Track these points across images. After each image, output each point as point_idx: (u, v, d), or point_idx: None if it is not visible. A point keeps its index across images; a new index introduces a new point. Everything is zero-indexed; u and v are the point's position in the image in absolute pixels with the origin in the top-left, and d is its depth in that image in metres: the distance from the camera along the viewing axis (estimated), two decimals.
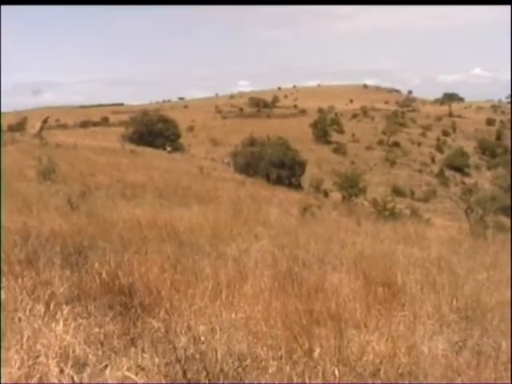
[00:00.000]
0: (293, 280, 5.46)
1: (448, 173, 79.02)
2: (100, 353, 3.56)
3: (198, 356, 3.51)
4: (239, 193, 20.76)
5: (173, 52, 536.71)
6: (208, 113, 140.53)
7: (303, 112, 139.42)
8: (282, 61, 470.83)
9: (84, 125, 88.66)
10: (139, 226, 8.17)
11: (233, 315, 4.28)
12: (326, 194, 35.34)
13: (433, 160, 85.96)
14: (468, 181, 75.88)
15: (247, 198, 18.68)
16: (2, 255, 5.17)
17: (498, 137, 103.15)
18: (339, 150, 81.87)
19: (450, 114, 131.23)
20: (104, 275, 4.72)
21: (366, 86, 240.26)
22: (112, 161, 26.58)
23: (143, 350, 3.62)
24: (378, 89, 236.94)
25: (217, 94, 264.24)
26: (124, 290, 4.47)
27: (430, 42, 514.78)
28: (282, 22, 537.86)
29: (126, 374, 3.28)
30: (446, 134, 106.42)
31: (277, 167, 37.26)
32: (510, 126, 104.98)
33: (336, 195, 34.48)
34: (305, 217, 15.28)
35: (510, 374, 3.80)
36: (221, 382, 3.31)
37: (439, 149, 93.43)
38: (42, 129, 41.23)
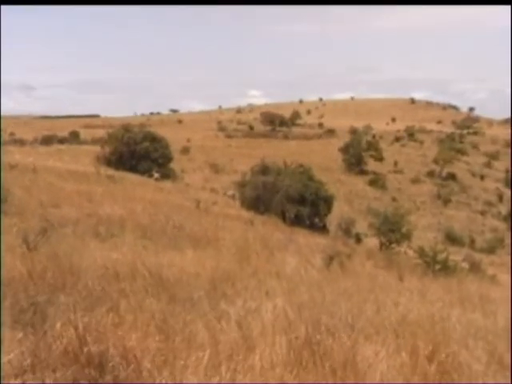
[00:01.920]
0: (314, 351, 5.41)
1: None
2: None
3: None
4: (246, 235, 20.73)
5: (164, 52, 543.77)
6: (208, 130, 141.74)
7: (331, 132, 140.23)
8: (305, 66, 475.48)
9: (47, 141, 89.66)
10: (116, 274, 8.17)
11: None
12: (358, 240, 35.22)
13: (500, 198, 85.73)
14: None
15: (256, 242, 18.65)
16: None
17: None
18: (377, 182, 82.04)
19: None
20: (68, 340, 4.70)
21: (413, 101, 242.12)
22: (82, 189, 26.73)
23: None
24: (428, 104, 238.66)
25: (220, 107, 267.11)
26: (94, 359, 4.45)
27: (500, 43, 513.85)
28: (304, 15, 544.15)
29: None
30: None
31: (296, 203, 37.30)
32: None
33: (372, 241, 34.34)
34: (331, 268, 15.22)
35: None
36: None
37: (509, 184, 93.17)
38: None
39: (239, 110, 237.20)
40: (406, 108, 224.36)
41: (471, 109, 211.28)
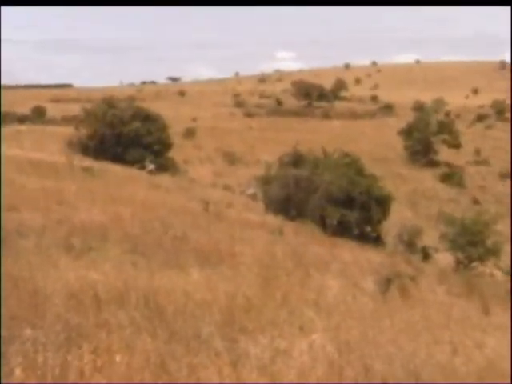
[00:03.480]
0: None
1: None
2: None
3: None
4: (273, 248, 20.75)
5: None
6: (221, 106, 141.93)
7: (388, 109, 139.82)
8: (353, 18, 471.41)
9: (2, 120, 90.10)
10: (97, 301, 8.23)
11: None
12: (426, 256, 35.07)
13: None
14: None
15: (287, 259, 18.68)
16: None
17: None
18: (451, 177, 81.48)
19: None
20: None
21: (503, 65, 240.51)
22: (50, 186, 26.89)
23: None
24: None
25: (237, 74, 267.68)
26: None
27: None
28: None
29: None
30: None
31: (340, 205, 37.19)
32: None
33: (444, 258, 34.19)
34: (388, 295, 15.19)
35: None
36: None
37: None
38: None
39: (263, 79, 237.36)
40: (494, 75, 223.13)
41: None
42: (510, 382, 3.91)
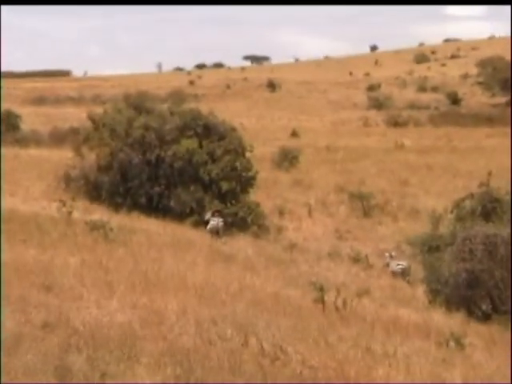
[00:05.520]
0: None
1: None
2: None
3: None
4: (446, 374, 20.49)
5: None
6: (343, 107, 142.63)
7: None
8: None
9: None
10: None
11: None
12: None
13: None
14: None
15: None
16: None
17: None
18: None
19: None
20: None
21: None
22: (31, 257, 27.22)
23: None
24: None
25: (374, 48, 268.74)
26: None
27: None
28: None
29: None
30: None
31: None
32: None
33: None
34: None
35: None
36: None
37: None
38: None
39: (423, 56, 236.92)
40: None
41: None
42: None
